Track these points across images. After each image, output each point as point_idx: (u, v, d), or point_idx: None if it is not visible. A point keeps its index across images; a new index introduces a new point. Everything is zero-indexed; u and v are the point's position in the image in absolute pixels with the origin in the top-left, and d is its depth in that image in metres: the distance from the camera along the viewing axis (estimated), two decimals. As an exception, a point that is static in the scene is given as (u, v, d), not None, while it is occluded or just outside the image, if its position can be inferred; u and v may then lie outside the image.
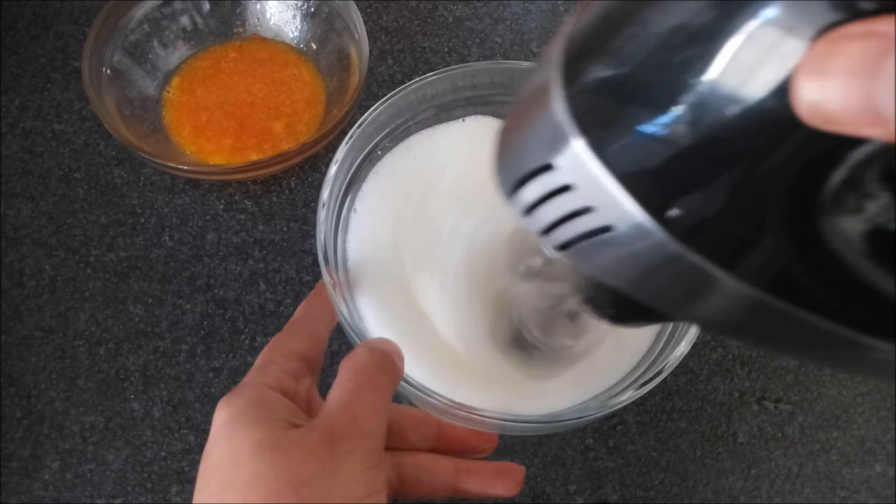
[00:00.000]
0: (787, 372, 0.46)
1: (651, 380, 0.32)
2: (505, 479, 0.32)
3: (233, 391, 0.27)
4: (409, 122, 0.39)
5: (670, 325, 0.35)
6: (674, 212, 0.15)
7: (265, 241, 0.48)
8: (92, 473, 0.43)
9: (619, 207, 0.15)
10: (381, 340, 0.30)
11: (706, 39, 0.13)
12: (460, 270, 0.36)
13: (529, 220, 0.18)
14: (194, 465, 0.43)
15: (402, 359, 0.29)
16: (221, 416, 0.26)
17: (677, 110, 0.14)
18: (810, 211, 0.14)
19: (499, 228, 0.34)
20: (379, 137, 0.38)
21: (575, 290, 0.25)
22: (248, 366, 0.45)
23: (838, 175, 0.13)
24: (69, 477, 0.43)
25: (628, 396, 0.32)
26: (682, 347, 0.33)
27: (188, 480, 0.43)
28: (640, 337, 0.36)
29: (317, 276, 0.47)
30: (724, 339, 0.47)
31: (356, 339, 0.33)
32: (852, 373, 0.43)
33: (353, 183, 0.38)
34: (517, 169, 0.18)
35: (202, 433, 0.44)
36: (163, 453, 0.43)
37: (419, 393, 0.31)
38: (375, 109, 0.37)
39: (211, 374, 0.45)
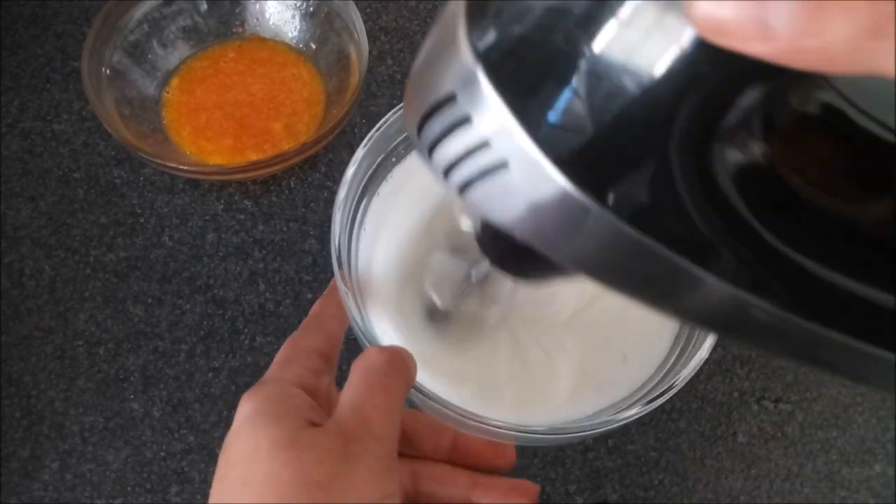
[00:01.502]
0: (787, 371, 0.46)
1: (660, 396, 0.32)
2: (521, 495, 0.32)
3: (255, 386, 0.27)
4: None
5: (682, 342, 0.35)
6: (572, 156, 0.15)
7: (265, 241, 0.48)
8: (91, 474, 0.43)
9: (512, 137, 0.15)
10: (394, 347, 0.30)
11: (592, 9, 0.13)
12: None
13: (433, 162, 0.18)
14: (194, 465, 0.43)
15: (414, 362, 0.29)
16: (244, 411, 0.26)
17: (576, 78, 0.14)
18: (703, 145, 0.14)
19: None
20: (397, 141, 0.38)
21: (482, 255, 0.26)
22: (248, 366, 0.45)
23: (734, 115, 0.14)
24: (69, 477, 0.43)
25: (636, 411, 0.32)
26: (695, 363, 0.33)
27: (188, 480, 0.43)
28: (651, 352, 0.36)
29: (316, 276, 0.47)
30: (724, 340, 0.47)
31: (367, 343, 0.33)
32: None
33: (369, 186, 0.38)
34: (421, 104, 0.18)
35: (202, 433, 0.44)
36: (162, 453, 0.43)
37: (429, 401, 0.31)
38: (395, 113, 0.36)
39: (210, 375, 0.45)
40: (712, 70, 0.13)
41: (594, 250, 0.16)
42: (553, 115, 0.15)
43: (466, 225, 0.29)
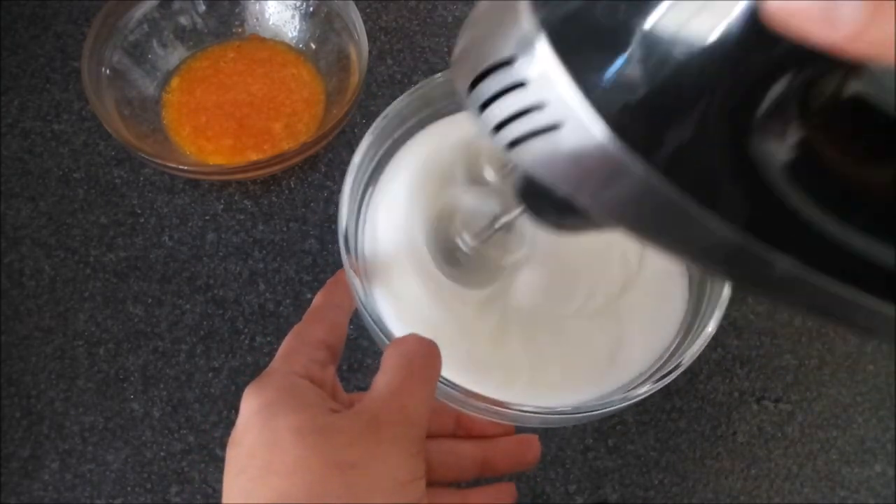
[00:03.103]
0: (787, 371, 0.46)
1: (669, 374, 0.33)
2: (528, 449, 0.34)
3: (259, 379, 0.27)
4: (433, 115, 0.39)
5: (687, 323, 0.36)
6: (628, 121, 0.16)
7: (265, 241, 0.48)
8: (91, 474, 0.43)
9: (567, 102, 0.16)
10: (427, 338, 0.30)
11: None
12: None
13: (482, 119, 0.19)
14: (194, 465, 0.43)
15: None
16: (252, 405, 0.25)
17: (629, 48, 0.15)
18: (745, 125, 0.15)
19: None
20: (402, 130, 0.38)
21: (515, 201, 0.27)
22: (248, 366, 0.45)
23: (771, 96, 0.15)
24: (69, 477, 0.43)
25: (647, 389, 0.33)
26: (700, 342, 0.34)
27: (188, 480, 0.43)
28: (660, 336, 0.36)
29: (316, 276, 0.47)
30: (724, 339, 0.47)
31: (375, 328, 0.33)
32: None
33: (375, 173, 0.38)
34: (476, 65, 0.19)
35: (202, 433, 0.44)
36: (162, 453, 0.43)
37: (441, 385, 0.32)
38: (400, 102, 0.37)
39: (210, 375, 0.45)
40: (754, 51, 0.14)
41: (630, 203, 0.17)
42: (605, 81, 0.16)
43: (491, 176, 0.30)
